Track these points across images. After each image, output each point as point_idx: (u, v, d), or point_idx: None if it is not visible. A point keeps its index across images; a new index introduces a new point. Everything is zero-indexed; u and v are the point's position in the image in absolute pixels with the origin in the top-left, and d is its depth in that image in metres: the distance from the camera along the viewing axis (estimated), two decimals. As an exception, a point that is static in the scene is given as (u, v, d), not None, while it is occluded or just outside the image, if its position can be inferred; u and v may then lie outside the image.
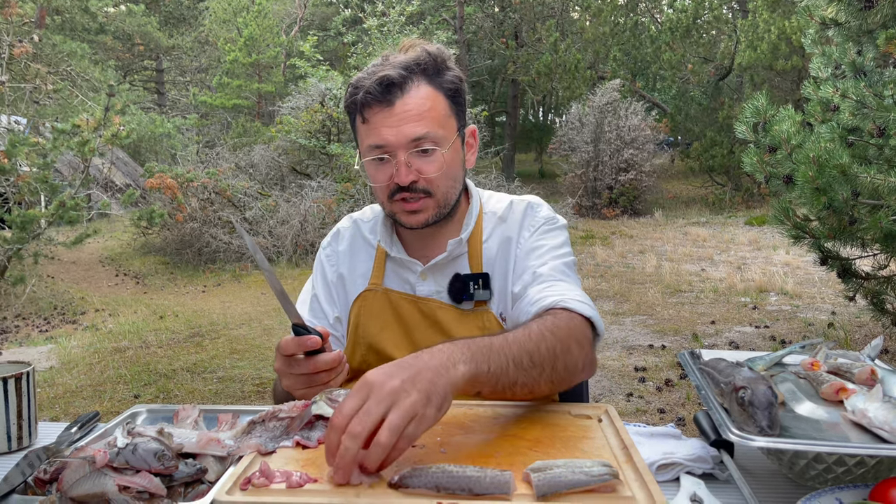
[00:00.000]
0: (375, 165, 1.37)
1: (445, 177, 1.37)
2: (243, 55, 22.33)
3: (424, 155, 1.34)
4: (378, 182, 1.38)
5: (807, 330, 6.06)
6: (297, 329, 1.17)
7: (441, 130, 1.34)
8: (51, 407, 4.68)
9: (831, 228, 4.20)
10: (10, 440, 1.28)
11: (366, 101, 1.33)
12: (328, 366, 1.18)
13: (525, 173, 23.18)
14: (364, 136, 1.36)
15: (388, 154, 1.34)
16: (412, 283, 1.47)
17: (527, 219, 1.48)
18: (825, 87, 4.09)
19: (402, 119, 1.31)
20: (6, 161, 7.61)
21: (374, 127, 1.33)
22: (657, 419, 4.21)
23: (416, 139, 1.32)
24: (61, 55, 12.38)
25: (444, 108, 1.36)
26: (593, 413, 1.17)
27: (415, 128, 1.31)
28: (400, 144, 1.32)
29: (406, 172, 1.33)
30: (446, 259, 1.45)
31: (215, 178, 11.38)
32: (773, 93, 14.31)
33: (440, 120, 1.35)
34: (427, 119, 1.33)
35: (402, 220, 1.40)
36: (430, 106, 1.34)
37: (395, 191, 1.36)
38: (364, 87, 1.33)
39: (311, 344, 1.16)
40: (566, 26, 21.25)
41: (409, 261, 1.47)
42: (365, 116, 1.34)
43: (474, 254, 1.46)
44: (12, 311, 7.95)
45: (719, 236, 11.88)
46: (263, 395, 4.84)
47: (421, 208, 1.37)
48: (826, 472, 1.02)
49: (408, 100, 1.32)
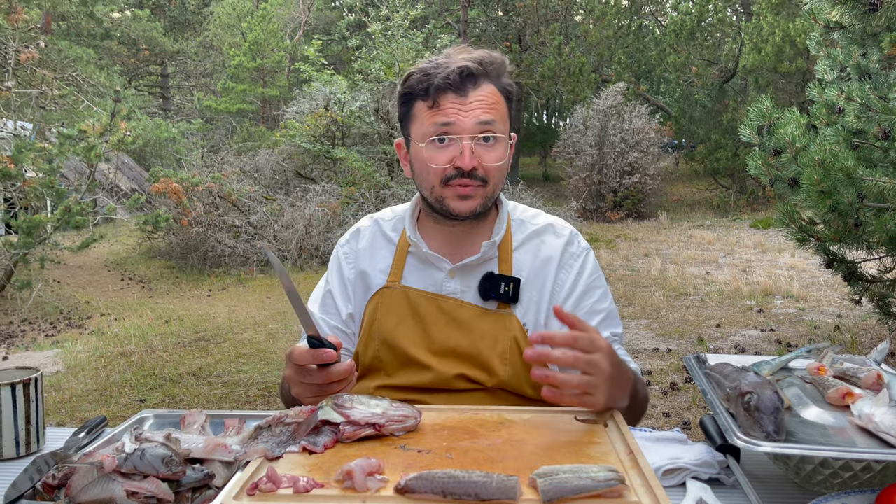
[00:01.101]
0: (436, 147, 1.40)
1: (500, 170, 1.42)
2: (248, 60, 22.41)
3: (487, 144, 1.39)
4: (437, 163, 1.40)
5: (813, 333, 6.04)
6: (312, 341, 1.17)
7: (502, 126, 1.42)
8: (57, 411, 4.69)
9: (837, 231, 4.19)
10: (18, 445, 1.29)
11: (441, 86, 1.38)
12: (340, 377, 1.19)
13: (529, 176, 23.18)
14: (429, 118, 1.40)
15: (453, 136, 1.38)
16: (438, 281, 1.48)
17: (571, 246, 1.53)
18: (830, 89, 4.09)
19: (472, 106, 1.38)
20: (12, 166, 7.64)
21: (444, 109, 1.39)
22: (663, 423, 4.21)
23: (484, 125, 1.38)
24: (67, 61, 12.43)
25: (504, 108, 1.44)
26: (599, 418, 1.17)
27: (483, 115, 1.38)
28: (467, 128, 1.37)
29: (470, 156, 1.37)
30: (479, 260, 1.47)
31: (220, 182, 11.41)
32: (777, 95, 14.30)
33: (502, 116, 1.42)
34: (494, 111, 1.40)
35: (451, 206, 1.41)
36: (497, 101, 1.42)
37: (452, 175, 1.39)
38: (438, 74, 1.39)
39: (326, 358, 1.16)
40: (570, 30, 21.29)
41: (437, 258, 1.48)
42: (436, 100, 1.39)
43: (505, 258, 1.48)
44: (19, 315, 7.98)
45: (724, 239, 11.86)
46: (269, 398, 4.85)
47: (472, 194, 1.40)
48: (832, 477, 1.02)
49: (479, 92, 1.40)
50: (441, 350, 1.43)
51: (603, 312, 1.49)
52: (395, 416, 1.10)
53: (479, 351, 1.41)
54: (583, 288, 1.50)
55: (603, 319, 1.49)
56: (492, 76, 1.42)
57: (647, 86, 20.99)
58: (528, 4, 19.80)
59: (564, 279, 1.50)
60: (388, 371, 1.47)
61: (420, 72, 1.42)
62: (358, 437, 1.08)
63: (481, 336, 1.42)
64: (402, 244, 1.53)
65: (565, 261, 1.51)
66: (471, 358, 1.42)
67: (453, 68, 1.38)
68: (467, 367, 1.42)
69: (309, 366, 1.19)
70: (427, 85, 1.40)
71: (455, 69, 1.38)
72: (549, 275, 1.49)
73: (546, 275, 1.49)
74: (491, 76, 1.42)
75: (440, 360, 1.42)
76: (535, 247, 1.51)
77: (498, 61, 1.44)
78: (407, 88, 1.44)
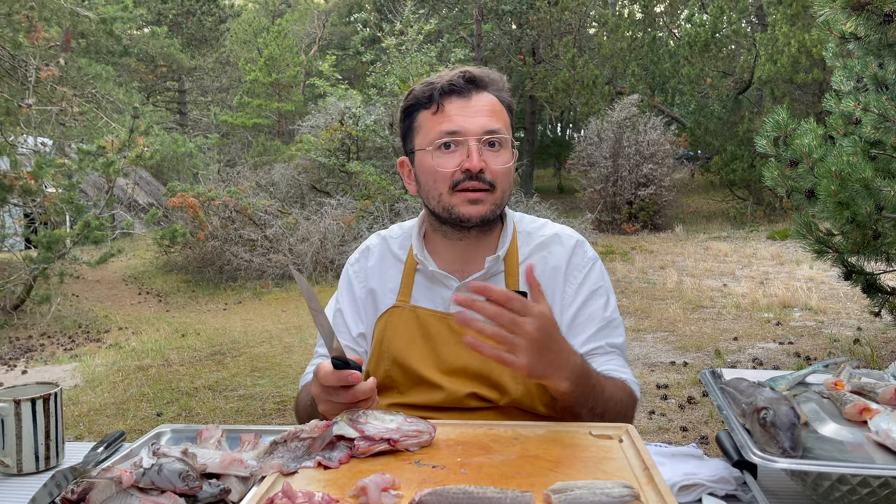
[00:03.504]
0: (443, 153, 1.40)
1: (507, 175, 1.43)
2: (263, 75, 22.64)
3: (493, 149, 1.40)
4: (444, 168, 1.40)
5: (832, 346, 5.96)
6: (337, 362, 1.18)
7: (507, 132, 1.43)
8: (75, 425, 4.73)
9: (855, 243, 4.16)
10: (38, 460, 1.30)
11: (446, 89, 1.41)
12: (365, 395, 1.20)
13: (544, 189, 23.17)
14: (433, 125, 1.41)
15: (459, 139, 1.39)
16: (446, 299, 1.47)
17: (576, 257, 1.52)
18: (847, 100, 4.07)
19: (477, 111, 1.40)
20: (33, 182, 7.75)
21: (449, 114, 1.40)
22: (680, 438, 4.17)
23: (489, 131, 1.39)
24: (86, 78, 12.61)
25: (507, 119, 1.46)
26: (614, 433, 1.17)
27: (489, 120, 1.40)
28: (473, 132, 1.38)
29: (478, 158, 1.38)
30: (484, 276, 1.46)
31: (236, 196, 11.50)
32: (793, 106, 14.21)
33: (506, 125, 1.44)
34: (498, 116, 1.42)
35: (461, 212, 1.40)
36: (500, 110, 1.44)
37: (461, 180, 1.39)
38: (440, 83, 1.42)
39: (352, 380, 1.18)
40: (583, 42, 21.31)
41: (444, 275, 1.47)
42: (441, 104, 1.41)
43: (511, 272, 1.48)
44: (38, 329, 8.06)
45: (741, 251, 11.77)
46: (284, 412, 4.86)
47: (482, 199, 1.40)
48: (850, 494, 1.01)
49: (483, 97, 1.42)
50: (451, 369, 1.43)
51: (602, 321, 1.48)
52: (409, 431, 1.11)
53: (489, 369, 1.40)
54: (585, 295, 1.49)
55: (602, 328, 1.47)
56: (492, 88, 1.44)
57: (661, 97, 20.93)
58: (541, 18, 19.86)
59: (570, 288, 1.49)
60: (401, 390, 1.47)
61: (422, 84, 1.45)
62: (372, 452, 1.08)
63: None
64: (410, 262, 1.53)
65: (571, 270, 1.50)
66: (482, 377, 1.41)
67: (456, 74, 1.42)
68: (478, 386, 1.41)
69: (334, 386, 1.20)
70: (431, 92, 1.42)
71: (458, 74, 1.42)
72: (556, 285, 1.49)
73: (554, 286, 1.49)
74: (491, 88, 1.44)
75: (451, 379, 1.42)
76: (543, 259, 1.51)
77: (497, 76, 1.47)
78: (410, 101, 1.46)
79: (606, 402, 1.31)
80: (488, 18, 21.12)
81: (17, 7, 9.49)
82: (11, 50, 9.99)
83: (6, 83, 10.24)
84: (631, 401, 1.42)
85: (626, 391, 1.40)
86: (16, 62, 10.16)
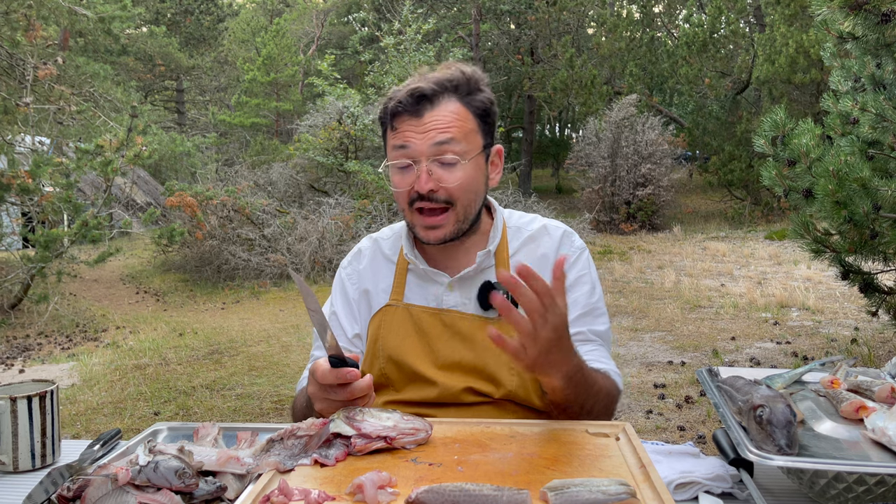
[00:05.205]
0: (397, 171, 1.42)
1: (466, 190, 1.41)
2: (262, 74, 22.64)
3: (446, 165, 1.38)
4: (399, 187, 1.42)
5: (829, 346, 5.97)
6: (334, 360, 1.18)
7: (465, 144, 1.40)
8: (72, 424, 4.73)
9: (852, 242, 4.16)
10: (34, 458, 1.30)
11: (396, 110, 1.40)
12: (362, 392, 1.20)
13: (542, 189, 23.18)
14: (390, 143, 1.43)
15: (411, 160, 1.39)
16: (438, 295, 1.49)
17: (563, 246, 1.53)
18: (844, 100, 4.07)
19: (428, 128, 1.38)
20: (31, 181, 7.74)
21: (401, 132, 1.40)
22: (677, 437, 4.17)
23: (439, 146, 1.37)
24: (84, 76, 12.59)
25: (471, 125, 1.42)
26: (611, 431, 1.17)
27: (439, 136, 1.37)
28: (423, 151, 1.37)
29: (426, 180, 1.37)
30: (475, 271, 1.48)
31: (234, 195, 11.49)
32: (791, 106, 14.23)
33: (465, 134, 1.40)
34: (452, 131, 1.38)
35: (421, 235, 1.44)
36: (457, 120, 1.40)
37: (415, 199, 1.40)
38: (397, 97, 1.40)
39: (350, 377, 1.18)
40: (582, 42, 21.32)
41: (434, 272, 1.49)
42: (394, 125, 1.41)
43: (501, 266, 1.49)
44: (35, 328, 8.05)
45: (739, 251, 11.78)
46: (281, 412, 4.85)
47: (441, 223, 1.40)
48: (846, 492, 1.01)
49: (436, 113, 1.39)
50: (446, 364, 1.44)
51: (586, 307, 1.49)
52: (406, 429, 1.11)
53: (484, 363, 1.41)
54: (570, 281, 1.49)
55: (584, 314, 1.48)
56: (460, 93, 1.41)
57: (659, 97, 20.93)
58: (539, 17, 19.86)
59: None
60: (396, 387, 1.48)
61: (391, 92, 1.45)
62: (369, 449, 1.08)
63: (485, 347, 1.42)
64: (402, 262, 1.54)
65: (558, 255, 1.51)
66: (477, 370, 1.42)
67: (406, 91, 1.39)
68: (474, 380, 1.42)
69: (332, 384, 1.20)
70: (386, 108, 1.43)
71: (407, 92, 1.39)
72: (544, 274, 1.49)
73: (543, 275, 1.49)
74: (459, 93, 1.41)
75: (446, 374, 1.43)
76: (531, 251, 1.52)
77: (467, 77, 1.43)
78: (380, 113, 1.47)
79: (595, 398, 1.32)
80: (487, 18, 21.11)
81: (15, 5, 9.48)
82: (9, 48, 9.97)
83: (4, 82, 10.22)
84: (616, 393, 1.43)
85: (611, 384, 1.41)
86: (14, 61, 10.14)
